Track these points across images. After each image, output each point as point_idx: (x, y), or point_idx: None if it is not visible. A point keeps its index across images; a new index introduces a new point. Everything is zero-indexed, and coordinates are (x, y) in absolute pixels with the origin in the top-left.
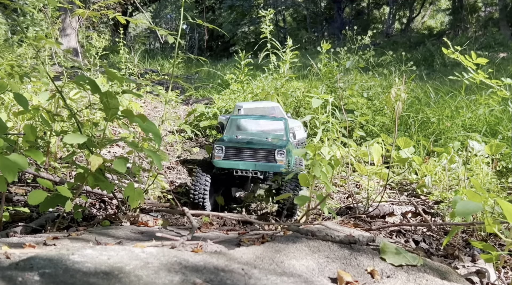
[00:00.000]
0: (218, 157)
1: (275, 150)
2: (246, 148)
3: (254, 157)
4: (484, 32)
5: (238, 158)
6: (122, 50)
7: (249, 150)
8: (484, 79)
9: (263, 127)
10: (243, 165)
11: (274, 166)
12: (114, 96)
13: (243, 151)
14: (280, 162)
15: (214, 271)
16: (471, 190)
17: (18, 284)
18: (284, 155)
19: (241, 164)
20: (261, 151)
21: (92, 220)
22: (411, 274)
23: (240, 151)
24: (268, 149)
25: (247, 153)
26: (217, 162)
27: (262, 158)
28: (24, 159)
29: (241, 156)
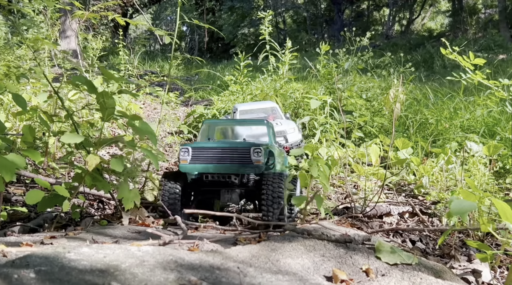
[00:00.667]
0: (184, 161)
1: (251, 148)
2: (217, 148)
3: (226, 159)
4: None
5: (208, 160)
6: (121, 52)
7: (220, 150)
8: (482, 80)
9: (243, 132)
10: (214, 168)
11: (249, 167)
12: (111, 96)
13: (214, 152)
14: (257, 162)
15: (209, 269)
16: (466, 190)
17: (13, 281)
18: (262, 154)
19: (212, 167)
20: (234, 151)
21: (90, 220)
22: (405, 273)
23: (210, 152)
24: (242, 148)
25: (219, 155)
26: (183, 166)
27: (236, 159)
28: (22, 159)
29: (211, 158)
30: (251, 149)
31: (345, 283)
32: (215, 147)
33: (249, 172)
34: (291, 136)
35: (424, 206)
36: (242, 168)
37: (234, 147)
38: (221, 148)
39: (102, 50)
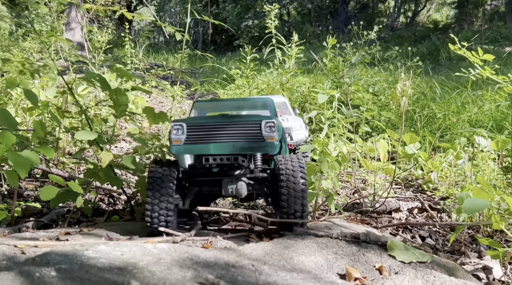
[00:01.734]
0: (176, 141)
1: (262, 122)
2: (219, 124)
3: (231, 136)
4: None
5: (207, 139)
6: (128, 45)
7: (223, 126)
8: (491, 75)
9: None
10: (216, 148)
11: (262, 145)
12: (124, 93)
13: (215, 129)
14: (270, 139)
15: (225, 267)
16: (477, 187)
17: (36, 279)
18: (275, 129)
19: (213, 147)
20: (241, 126)
21: (101, 215)
22: (419, 271)
23: (210, 129)
24: (251, 122)
25: (221, 131)
26: (176, 148)
27: (243, 136)
28: (36, 156)
29: (212, 136)
30: (263, 122)
31: (359, 281)
32: (217, 123)
33: (262, 151)
34: (296, 133)
35: (433, 202)
36: (252, 146)
37: (240, 121)
38: (224, 124)
39: (107, 42)
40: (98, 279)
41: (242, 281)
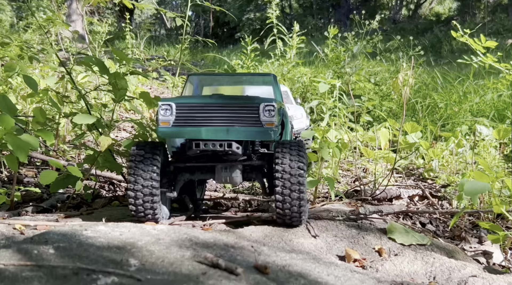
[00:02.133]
0: (164, 122)
1: (260, 105)
2: (213, 105)
3: (225, 120)
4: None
5: (199, 122)
6: (128, 36)
7: (217, 108)
8: (493, 63)
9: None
10: (208, 133)
11: (259, 131)
12: (123, 77)
13: (208, 111)
14: (269, 125)
15: (224, 248)
16: (478, 171)
17: (33, 256)
18: (275, 113)
19: (205, 131)
20: (237, 108)
21: (101, 201)
22: (418, 253)
23: (202, 110)
24: (248, 105)
25: (214, 114)
26: (163, 130)
27: (239, 120)
28: (35, 139)
29: (204, 119)
30: (261, 106)
31: (358, 262)
32: (210, 104)
33: (259, 138)
34: (297, 122)
35: (434, 190)
36: (248, 132)
37: (236, 103)
38: (218, 105)
39: (108, 34)
40: (97, 257)
41: (241, 261)
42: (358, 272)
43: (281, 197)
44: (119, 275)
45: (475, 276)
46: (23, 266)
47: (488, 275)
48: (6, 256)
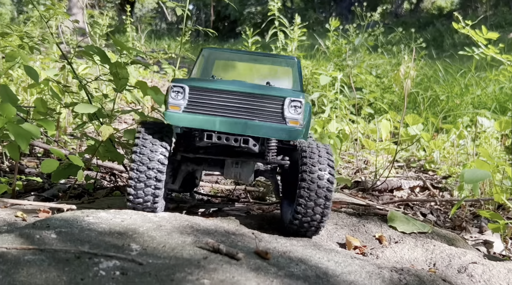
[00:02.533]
0: (174, 107)
1: (286, 99)
2: (231, 93)
3: (244, 111)
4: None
5: (214, 110)
6: (129, 28)
7: (236, 97)
8: (494, 55)
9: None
10: (223, 125)
11: (282, 129)
12: (124, 66)
13: (225, 98)
14: (293, 123)
15: (225, 234)
16: (479, 160)
17: (36, 240)
18: (302, 110)
19: (219, 122)
20: (259, 99)
21: (103, 191)
22: (419, 240)
23: (219, 97)
24: (272, 97)
25: (232, 103)
26: (172, 115)
27: (260, 113)
28: (37, 128)
29: (220, 107)
30: (287, 100)
31: (359, 249)
32: (229, 91)
33: (280, 136)
34: None
35: (435, 181)
36: (268, 129)
37: (258, 94)
38: (237, 93)
39: (109, 27)
40: (98, 242)
41: (242, 247)
42: (358, 259)
43: (303, 209)
44: (120, 259)
45: (475, 262)
46: (26, 249)
47: (488, 261)
48: (9, 240)
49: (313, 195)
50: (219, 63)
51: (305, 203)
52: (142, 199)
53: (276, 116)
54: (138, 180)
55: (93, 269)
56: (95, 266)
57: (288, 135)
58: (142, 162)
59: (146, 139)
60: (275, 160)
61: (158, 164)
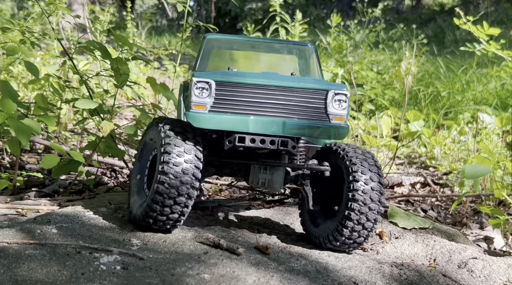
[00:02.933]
0: (199, 106)
1: (329, 92)
2: (265, 87)
3: (281, 108)
4: (497, 8)
5: (245, 108)
6: (129, 24)
7: (270, 92)
8: (495, 51)
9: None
10: (257, 125)
11: (327, 128)
12: (125, 62)
13: (259, 94)
14: (338, 120)
15: (225, 229)
16: (480, 155)
17: (36, 235)
18: (347, 105)
19: (253, 121)
20: (298, 94)
21: (104, 187)
22: (419, 236)
23: (252, 93)
24: (314, 91)
25: (267, 99)
26: (198, 117)
27: (299, 109)
28: (37, 124)
29: (252, 105)
30: (330, 93)
31: None
32: (262, 85)
33: (324, 137)
34: None
35: (436, 177)
36: (310, 128)
37: (297, 87)
38: (272, 88)
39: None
40: (99, 237)
41: (242, 242)
42: (359, 254)
43: (352, 224)
44: (121, 253)
45: (475, 258)
46: (27, 244)
47: (488, 257)
48: (10, 235)
49: (364, 208)
50: (227, 52)
51: (357, 218)
52: (167, 217)
53: (318, 112)
54: (168, 196)
55: (94, 263)
56: (96, 260)
57: (333, 135)
58: (175, 175)
59: (178, 146)
60: (313, 165)
61: (193, 178)
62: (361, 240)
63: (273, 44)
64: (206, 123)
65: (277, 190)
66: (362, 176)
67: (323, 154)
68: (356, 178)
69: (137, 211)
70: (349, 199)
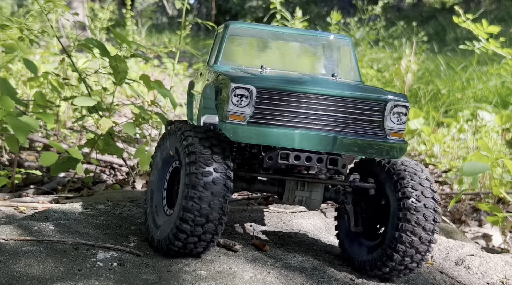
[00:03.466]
0: (237, 117)
1: (387, 103)
2: (316, 97)
3: (332, 121)
4: (498, 6)
5: (290, 120)
6: (129, 22)
7: (321, 102)
8: (495, 49)
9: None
10: (305, 141)
11: (384, 146)
12: (123, 60)
13: (306, 105)
14: (396, 135)
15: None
16: (478, 152)
17: (34, 232)
18: (406, 118)
19: (300, 136)
20: (352, 104)
21: (102, 185)
22: None
23: (298, 103)
24: (370, 101)
25: (316, 111)
26: (236, 129)
27: (352, 122)
28: (35, 121)
29: (298, 116)
30: (389, 104)
31: None
32: (312, 94)
33: (381, 155)
34: None
35: (435, 175)
36: (365, 145)
37: (351, 97)
38: (324, 97)
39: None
40: (96, 233)
41: (239, 239)
42: None
43: (404, 247)
44: (118, 250)
45: (472, 255)
46: (24, 241)
47: (485, 254)
48: (7, 231)
49: (418, 230)
50: (252, 44)
51: (410, 241)
52: (199, 237)
53: (373, 126)
54: (199, 212)
55: (91, 260)
56: (93, 257)
57: (390, 153)
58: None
59: (205, 154)
60: (357, 182)
61: (225, 189)
62: (413, 266)
63: (306, 36)
64: (245, 136)
65: (315, 208)
66: (413, 192)
67: (365, 166)
68: (407, 195)
69: (161, 235)
70: (400, 219)
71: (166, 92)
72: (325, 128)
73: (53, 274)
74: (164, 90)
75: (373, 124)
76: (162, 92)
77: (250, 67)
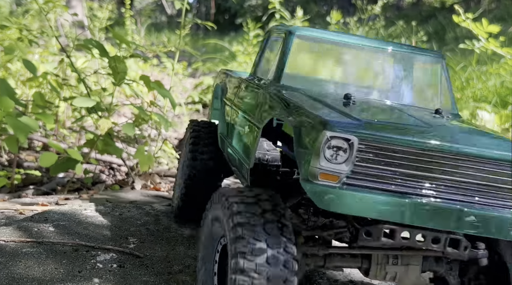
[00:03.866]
0: (330, 177)
1: None
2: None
3: (456, 188)
4: (498, 5)
5: (400, 184)
6: (128, 21)
7: (447, 162)
8: (495, 48)
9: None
10: (420, 215)
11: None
12: (122, 60)
13: (425, 164)
14: None
15: None
16: None
17: (34, 233)
18: None
19: (413, 208)
20: (483, 164)
21: (102, 185)
22: None
23: (415, 161)
24: (502, 161)
25: (437, 173)
26: (329, 194)
27: (482, 190)
28: (35, 122)
29: (410, 178)
30: None
31: None
32: (437, 150)
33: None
34: None
35: None
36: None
37: (484, 156)
38: (452, 155)
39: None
40: (96, 235)
41: None
42: None
43: None
44: (118, 251)
45: None
46: (24, 242)
47: None
48: (7, 233)
49: None
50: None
51: None
52: None
53: (503, 193)
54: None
55: (91, 261)
56: (93, 258)
57: None
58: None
59: (256, 226)
60: (464, 253)
61: (285, 271)
62: None
63: (388, 50)
64: (340, 205)
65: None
66: None
67: None
68: None
69: None
70: None
71: (166, 92)
72: (448, 196)
73: (53, 276)
74: (164, 91)
75: (504, 189)
76: (162, 92)
77: (322, 90)
